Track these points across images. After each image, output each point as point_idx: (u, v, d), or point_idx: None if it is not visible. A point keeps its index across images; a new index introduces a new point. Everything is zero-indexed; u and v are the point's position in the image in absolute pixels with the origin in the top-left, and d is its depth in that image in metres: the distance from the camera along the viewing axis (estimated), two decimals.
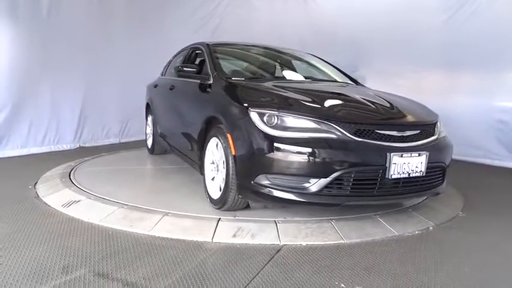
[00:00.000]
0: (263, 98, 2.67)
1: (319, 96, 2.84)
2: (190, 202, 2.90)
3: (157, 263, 2.06)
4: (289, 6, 6.94)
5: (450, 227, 2.83)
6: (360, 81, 4.00)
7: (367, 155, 2.43)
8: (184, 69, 3.32)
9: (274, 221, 2.60)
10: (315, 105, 2.61)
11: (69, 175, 3.59)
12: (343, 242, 2.44)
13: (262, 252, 2.25)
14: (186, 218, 2.59)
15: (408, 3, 5.71)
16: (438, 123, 2.91)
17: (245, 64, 3.98)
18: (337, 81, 3.83)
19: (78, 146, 5.40)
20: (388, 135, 2.53)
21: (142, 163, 4.45)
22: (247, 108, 2.50)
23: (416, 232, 2.66)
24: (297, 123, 2.42)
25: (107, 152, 5.02)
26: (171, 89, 3.96)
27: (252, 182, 2.44)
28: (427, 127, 2.77)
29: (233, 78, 3.14)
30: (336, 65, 4.20)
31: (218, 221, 2.55)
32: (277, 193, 2.41)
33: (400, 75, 5.77)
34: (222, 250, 2.25)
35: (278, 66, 4.04)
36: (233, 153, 2.51)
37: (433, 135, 2.77)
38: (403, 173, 2.49)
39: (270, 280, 1.94)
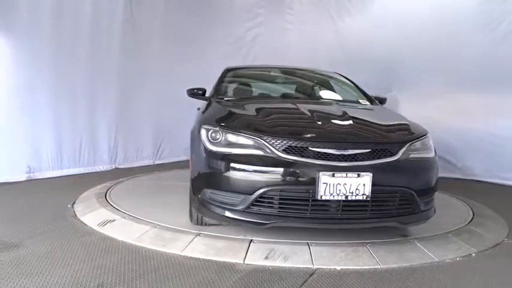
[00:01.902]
0: (220, 116, 2.78)
1: (282, 115, 2.88)
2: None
3: (189, 283, 2.05)
4: (320, 27, 6.97)
5: (495, 254, 2.66)
6: (385, 101, 3.81)
7: (294, 173, 2.33)
8: (194, 90, 3.56)
9: (307, 243, 2.55)
10: (258, 123, 2.64)
11: (105, 195, 3.69)
12: (379, 267, 2.34)
13: (295, 275, 2.19)
14: (218, 239, 2.58)
15: (443, 19, 5.55)
16: (413, 143, 2.57)
17: (252, 85, 4.07)
18: (340, 101, 3.64)
19: (114, 167, 5.53)
20: (323, 153, 2.34)
21: (176, 184, 4.50)
22: (200, 125, 2.65)
23: (458, 259, 2.52)
24: (235, 139, 2.48)
25: (142, 173, 5.13)
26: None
27: (199, 197, 2.56)
28: (384, 146, 2.48)
29: (225, 99, 3.37)
30: (363, 85, 4.10)
31: (250, 242, 2.52)
32: (214, 208, 2.48)
33: (438, 96, 5.57)
34: (253, 272, 2.21)
35: (282, 86, 4.11)
36: (190, 167, 2.68)
37: (392, 155, 2.44)
38: (338, 195, 2.28)
39: None
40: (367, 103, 3.60)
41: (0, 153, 4.38)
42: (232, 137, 2.48)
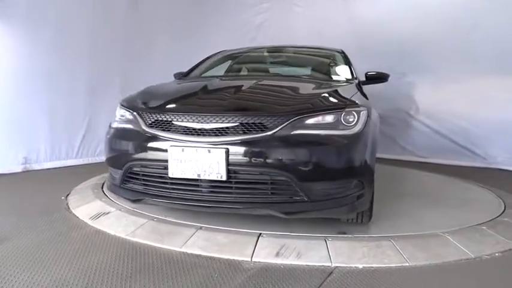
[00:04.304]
0: (145, 93, 2.74)
1: (204, 93, 2.62)
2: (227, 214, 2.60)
3: (187, 285, 1.76)
4: (330, 10, 6.57)
5: None
6: (385, 78, 3.39)
7: (154, 148, 2.18)
8: (179, 74, 3.61)
9: (324, 237, 2.24)
10: (160, 99, 2.49)
11: (102, 186, 3.42)
12: (407, 265, 2.03)
13: (311, 275, 1.89)
14: (221, 233, 2.28)
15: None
16: (305, 117, 2.09)
17: (228, 65, 3.82)
18: (307, 77, 3.32)
19: None
20: (185, 127, 2.13)
21: None
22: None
23: (497, 254, 2.20)
24: (124, 115, 2.45)
25: None
26: None
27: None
28: (255, 119, 2.07)
29: (189, 77, 3.40)
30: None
31: (258, 237, 2.23)
32: (109, 185, 2.55)
33: (457, 81, 5.22)
34: (262, 271, 1.92)
35: (258, 65, 3.91)
36: None
37: (264, 130, 2.04)
38: (190, 172, 2.05)
39: None
40: (341, 80, 3.13)
41: None
42: (123, 113, 2.48)
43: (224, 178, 2.03)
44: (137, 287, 1.73)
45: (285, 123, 2.07)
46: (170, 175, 2.10)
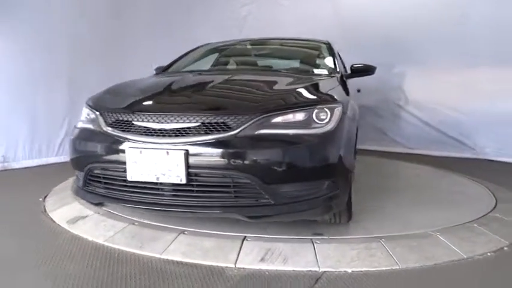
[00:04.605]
0: (114, 90, 2.62)
1: (170, 89, 2.46)
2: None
3: None
4: (316, 3, 6.45)
5: None
6: (371, 70, 3.25)
7: (113, 150, 2.08)
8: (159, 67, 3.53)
9: (311, 239, 2.16)
10: (124, 97, 2.37)
11: None
12: (398, 267, 1.95)
13: (297, 281, 1.80)
14: (205, 237, 2.18)
15: None
16: (271, 116, 1.96)
17: (207, 59, 3.69)
18: (286, 70, 3.14)
19: None
20: (145, 127, 2.03)
21: None
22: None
23: (489, 254, 2.14)
24: (88, 115, 2.34)
25: None
26: None
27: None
28: (217, 119, 1.95)
29: (168, 72, 3.28)
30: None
31: (243, 241, 2.13)
32: (75, 186, 2.43)
33: (447, 71, 5.16)
34: (246, 279, 1.82)
35: (238, 59, 3.73)
36: None
37: (228, 130, 1.92)
38: (149, 175, 1.95)
39: None
40: (322, 73, 2.95)
41: None
42: (87, 112, 2.36)
43: (184, 181, 1.91)
44: None
45: (249, 123, 1.94)
46: (129, 178, 1.99)
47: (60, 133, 4.74)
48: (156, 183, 1.97)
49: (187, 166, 1.89)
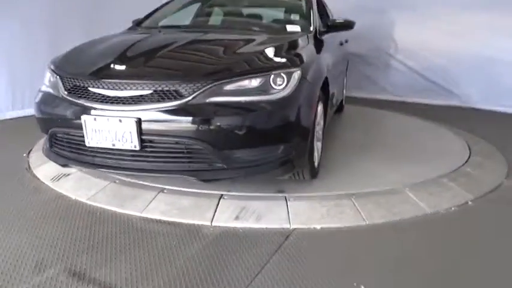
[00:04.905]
0: (80, 48, 2.58)
1: (132, 49, 2.40)
2: None
3: (145, 256, 1.77)
4: None
5: (492, 199, 2.41)
6: (349, 25, 3.05)
7: (70, 115, 2.11)
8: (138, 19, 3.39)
9: (285, 197, 2.26)
10: (85, 60, 2.36)
11: None
12: (364, 223, 2.07)
13: (269, 239, 1.92)
14: (183, 195, 2.27)
15: None
16: (223, 83, 1.95)
17: (186, 13, 3.52)
18: (259, 28, 3.05)
19: None
20: (99, 94, 2.04)
21: None
22: None
23: (453, 209, 2.26)
24: (49, 78, 2.34)
25: None
26: None
27: None
28: (168, 86, 1.95)
29: (142, 26, 3.19)
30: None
31: (219, 199, 2.22)
32: (45, 147, 2.48)
33: (435, 17, 5.04)
34: (220, 237, 1.94)
35: (218, 14, 3.57)
36: None
37: (180, 98, 1.92)
38: (107, 141, 2.01)
39: (275, 278, 1.63)
40: (294, 31, 2.80)
41: None
42: (49, 76, 2.35)
43: (138, 148, 1.97)
44: (92, 261, 1.72)
45: (200, 91, 1.93)
46: (87, 144, 2.06)
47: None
48: (112, 149, 2.03)
49: (140, 133, 1.94)
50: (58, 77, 2.24)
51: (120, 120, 1.94)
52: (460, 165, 2.82)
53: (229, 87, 1.97)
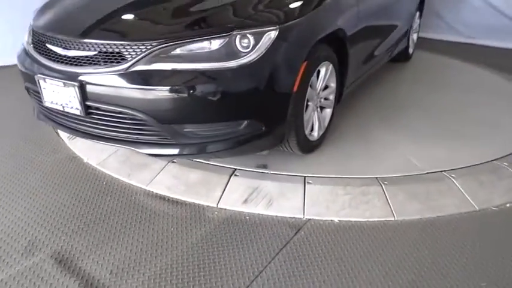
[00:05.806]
0: (45, 4, 2.30)
1: (97, 2, 2.13)
2: None
3: (141, 241, 1.65)
4: None
5: None
6: None
7: (31, 71, 1.93)
8: None
9: (304, 177, 1.99)
10: (52, 9, 2.12)
11: None
12: (392, 219, 1.78)
13: (277, 231, 1.71)
14: (192, 168, 2.08)
15: None
16: (168, 46, 1.63)
17: None
18: None
19: None
20: (53, 51, 1.86)
21: None
22: None
23: (508, 205, 1.88)
24: (29, 28, 2.15)
25: None
26: None
27: None
28: (113, 48, 1.68)
29: None
30: None
31: (231, 176, 2.01)
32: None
33: None
34: (225, 224, 1.76)
35: None
36: None
37: (121, 63, 1.66)
38: (58, 104, 1.85)
39: (276, 284, 1.44)
40: None
41: None
42: (29, 29, 2.16)
43: (83, 114, 1.81)
44: (83, 244, 1.64)
45: (143, 54, 1.64)
46: (43, 103, 1.94)
47: None
48: (63, 111, 1.89)
49: (84, 98, 1.76)
50: (31, 30, 2.10)
51: (64, 84, 1.77)
52: None
53: (176, 51, 1.65)
